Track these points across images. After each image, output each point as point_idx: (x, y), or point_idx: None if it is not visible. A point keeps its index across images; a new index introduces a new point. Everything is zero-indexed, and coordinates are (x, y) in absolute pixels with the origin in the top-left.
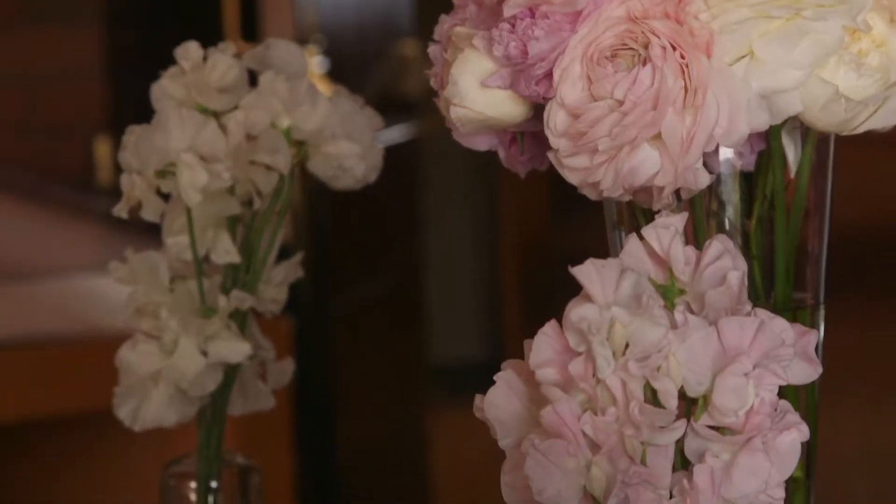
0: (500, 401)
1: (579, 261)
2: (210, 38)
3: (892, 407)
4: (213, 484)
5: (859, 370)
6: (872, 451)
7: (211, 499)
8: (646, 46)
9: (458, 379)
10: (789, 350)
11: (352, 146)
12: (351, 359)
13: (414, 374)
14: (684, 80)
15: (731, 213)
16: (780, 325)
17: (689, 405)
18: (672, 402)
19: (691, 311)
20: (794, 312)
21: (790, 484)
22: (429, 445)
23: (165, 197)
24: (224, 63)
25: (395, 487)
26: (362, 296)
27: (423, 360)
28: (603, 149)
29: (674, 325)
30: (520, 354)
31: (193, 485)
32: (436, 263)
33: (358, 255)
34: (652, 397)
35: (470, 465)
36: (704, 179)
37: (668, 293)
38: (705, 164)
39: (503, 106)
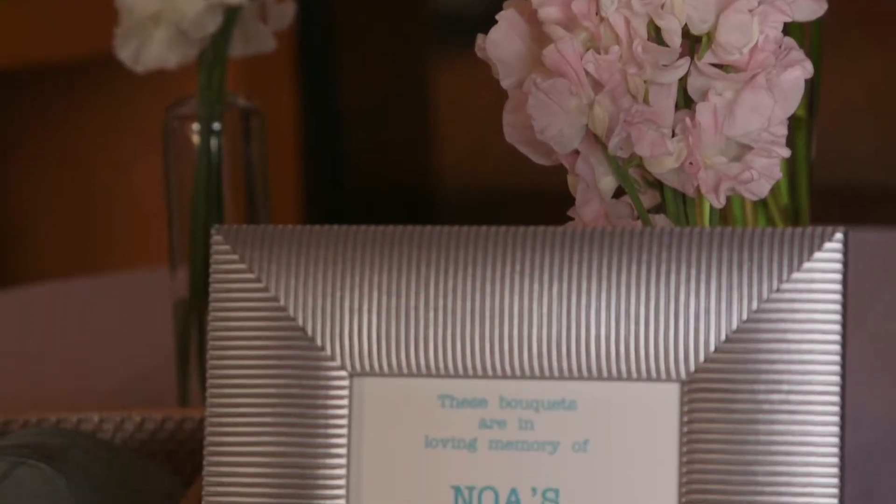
0: (503, 40)
1: None
2: None
3: None
4: (216, 126)
5: (866, 9)
6: (877, 92)
7: (213, 141)
8: None
9: (462, 27)
10: None
11: None
12: (354, 3)
13: (418, 21)
14: None
15: None
16: None
17: (692, 43)
18: (675, 40)
19: None
20: None
21: (792, 122)
22: (432, 92)
23: None
24: None
25: (399, 133)
26: None
27: (427, 5)
28: None
29: None
30: None
31: (196, 127)
32: None
33: None
34: (655, 35)
35: (473, 112)
36: None
37: None
38: None
39: None
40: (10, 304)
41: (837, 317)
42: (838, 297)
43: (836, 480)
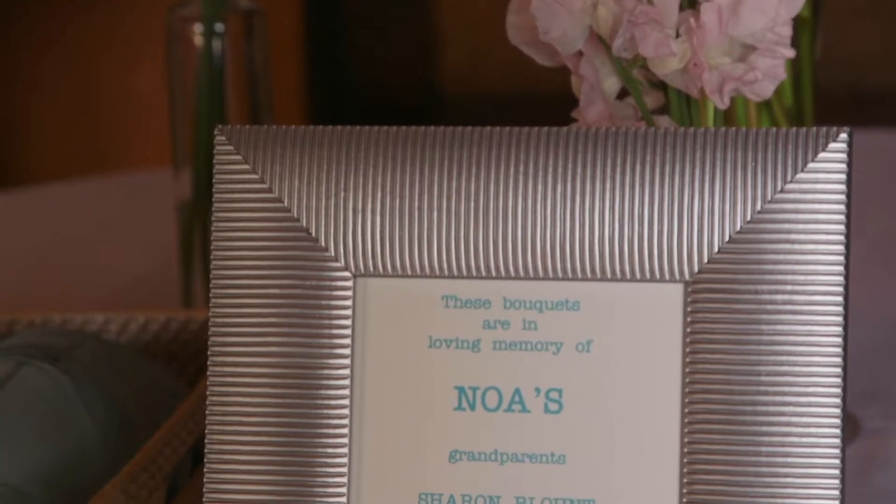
0: None
1: None
2: None
3: None
4: (218, 27)
5: None
6: None
7: (216, 42)
8: None
9: None
10: None
11: None
12: None
13: None
14: None
15: None
16: None
17: None
18: None
19: None
20: None
21: (797, 23)
22: None
23: None
24: None
25: (402, 33)
26: None
27: None
28: None
29: None
30: None
31: (198, 27)
32: None
33: None
34: None
35: (477, 12)
36: None
37: None
38: None
39: None
40: (16, 204)
41: (841, 217)
42: (842, 196)
43: (838, 380)
